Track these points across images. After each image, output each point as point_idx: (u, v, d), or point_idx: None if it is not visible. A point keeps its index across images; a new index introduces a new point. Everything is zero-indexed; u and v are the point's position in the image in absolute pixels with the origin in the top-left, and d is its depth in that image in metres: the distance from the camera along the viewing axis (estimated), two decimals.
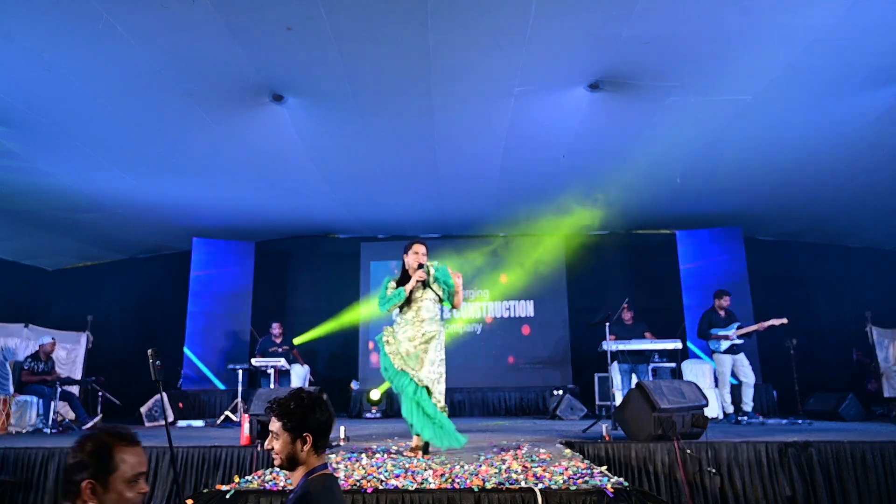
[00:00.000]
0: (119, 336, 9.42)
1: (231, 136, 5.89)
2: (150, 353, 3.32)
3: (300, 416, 1.84)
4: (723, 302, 7.07)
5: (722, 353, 6.93)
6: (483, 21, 4.23)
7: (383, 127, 5.90)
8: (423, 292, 4.33)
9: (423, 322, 4.29)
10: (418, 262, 4.30)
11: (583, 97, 5.23)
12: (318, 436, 1.85)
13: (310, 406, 1.85)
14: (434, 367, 4.22)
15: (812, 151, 6.33)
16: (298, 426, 1.83)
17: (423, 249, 4.37)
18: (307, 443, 1.82)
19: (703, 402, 4.89)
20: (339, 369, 9.57)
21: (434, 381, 4.19)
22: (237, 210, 8.34)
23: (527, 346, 9.37)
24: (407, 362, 4.18)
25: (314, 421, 1.84)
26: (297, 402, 1.86)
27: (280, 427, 1.84)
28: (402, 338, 4.28)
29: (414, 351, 4.22)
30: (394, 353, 4.23)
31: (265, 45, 4.44)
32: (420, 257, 4.32)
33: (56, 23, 4.04)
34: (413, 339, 4.25)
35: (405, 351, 4.22)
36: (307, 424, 1.83)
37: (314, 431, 1.84)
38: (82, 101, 5.10)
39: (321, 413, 1.86)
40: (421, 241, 4.44)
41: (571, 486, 2.75)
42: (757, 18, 4.17)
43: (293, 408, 1.84)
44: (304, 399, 1.87)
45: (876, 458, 4.29)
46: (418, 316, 4.30)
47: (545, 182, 7.39)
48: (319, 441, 1.86)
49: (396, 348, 4.25)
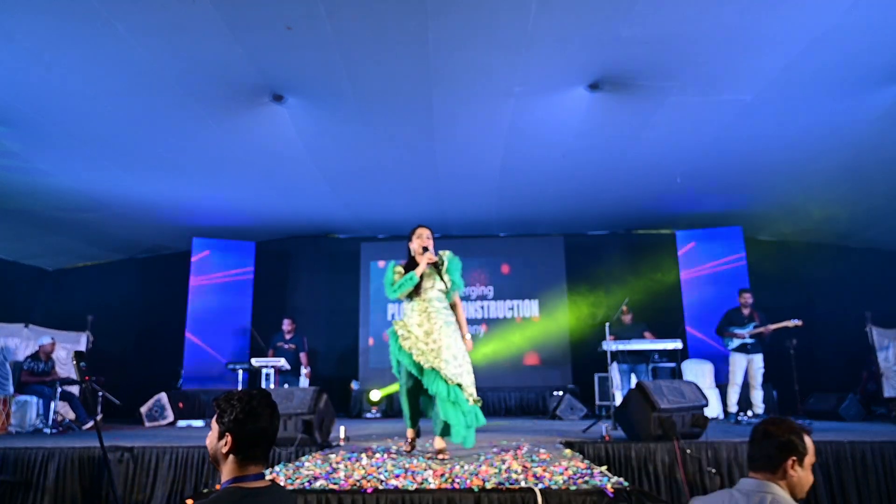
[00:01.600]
0: (119, 336, 9.41)
1: (231, 135, 5.89)
2: (73, 354, 3.27)
3: (222, 411, 1.70)
4: (744, 300, 7.03)
5: (733, 351, 6.92)
6: (483, 21, 4.23)
7: (383, 127, 5.90)
8: (433, 280, 4.04)
9: (437, 312, 3.99)
10: (423, 245, 4.05)
11: (583, 97, 5.23)
12: (241, 441, 1.67)
13: (237, 405, 1.70)
14: (459, 361, 3.89)
15: (812, 152, 6.33)
16: (221, 421, 1.70)
17: (427, 233, 4.13)
18: (227, 444, 1.67)
19: (703, 402, 4.89)
20: (339, 369, 9.57)
21: (463, 373, 3.88)
22: (237, 210, 8.34)
23: (527, 346, 9.37)
24: (428, 358, 3.84)
25: (234, 421, 1.67)
26: (228, 397, 1.73)
27: (215, 417, 1.73)
28: (419, 332, 3.94)
29: (434, 346, 3.88)
30: (414, 349, 3.90)
31: (265, 45, 4.44)
32: (425, 240, 4.07)
33: (56, 23, 4.04)
34: (430, 333, 3.92)
35: (424, 346, 3.88)
36: (226, 423, 1.69)
37: (234, 434, 1.67)
38: (82, 101, 5.10)
39: (249, 418, 1.68)
40: (424, 225, 4.20)
41: (571, 486, 2.75)
42: (757, 18, 4.17)
43: (222, 400, 1.73)
44: (238, 396, 1.72)
45: (876, 458, 4.29)
46: (431, 305, 4.00)
47: (545, 182, 7.39)
48: (243, 448, 1.68)
49: (415, 343, 3.92)
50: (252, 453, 1.69)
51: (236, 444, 1.67)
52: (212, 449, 1.72)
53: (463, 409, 3.83)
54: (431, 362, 3.84)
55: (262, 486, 1.69)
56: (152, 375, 8.82)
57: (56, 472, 4.56)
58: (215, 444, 1.70)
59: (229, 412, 1.69)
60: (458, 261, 4.15)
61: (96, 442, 4.83)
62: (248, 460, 1.68)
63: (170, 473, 4.52)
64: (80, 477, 4.56)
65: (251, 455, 1.69)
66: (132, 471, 4.54)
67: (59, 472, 4.56)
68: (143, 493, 4.48)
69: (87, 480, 4.57)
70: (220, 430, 1.69)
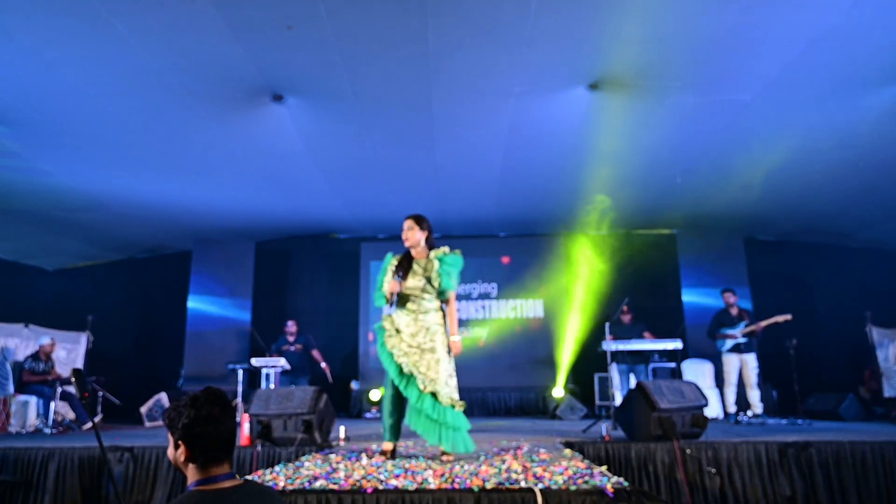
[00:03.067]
0: (119, 336, 9.42)
1: (231, 135, 5.89)
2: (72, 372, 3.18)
3: (171, 420, 1.63)
4: (727, 299, 7.04)
5: (727, 352, 6.91)
6: (483, 20, 4.23)
7: (383, 127, 5.90)
8: (422, 280, 3.81)
9: (425, 313, 3.81)
10: (406, 242, 3.86)
11: (583, 97, 5.23)
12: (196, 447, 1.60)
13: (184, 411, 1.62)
14: (442, 367, 3.72)
15: (812, 152, 6.33)
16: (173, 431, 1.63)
17: (408, 224, 3.86)
18: (182, 452, 1.61)
19: (703, 402, 4.89)
20: (339, 369, 9.57)
21: (444, 381, 3.70)
22: (237, 210, 8.34)
23: (527, 346, 9.37)
24: (410, 360, 3.70)
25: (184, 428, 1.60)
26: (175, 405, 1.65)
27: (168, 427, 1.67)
28: (406, 332, 3.78)
29: (417, 349, 3.73)
30: (398, 350, 3.75)
31: (265, 45, 4.44)
32: (405, 233, 3.86)
33: (56, 22, 4.04)
34: (416, 335, 3.77)
35: (407, 347, 3.74)
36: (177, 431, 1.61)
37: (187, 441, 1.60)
38: (82, 101, 5.10)
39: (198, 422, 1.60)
40: (409, 216, 3.91)
41: (571, 486, 2.75)
42: (757, 18, 4.18)
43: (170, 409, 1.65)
44: (184, 402, 1.64)
45: (876, 458, 4.28)
46: (420, 306, 3.81)
47: (546, 182, 7.39)
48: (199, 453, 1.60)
49: (398, 343, 3.77)
50: (210, 456, 1.62)
51: (191, 450, 1.61)
52: (172, 459, 1.66)
53: (430, 417, 3.64)
54: (410, 366, 3.70)
55: (230, 486, 1.63)
56: (152, 375, 8.82)
57: (56, 472, 4.55)
58: (173, 455, 1.64)
59: (178, 420, 1.62)
60: (452, 260, 3.85)
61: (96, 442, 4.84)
62: (208, 464, 1.62)
63: (170, 473, 4.51)
64: (80, 477, 4.56)
65: (210, 458, 1.62)
66: (132, 471, 4.53)
67: (59, 472, 4.56)
68: (143, 493, 4.48)
69: (87, 480, 4.56)
70: (174, 440, 1.63)
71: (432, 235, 3.97)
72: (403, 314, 3.85)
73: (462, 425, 3.71)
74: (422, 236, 3.88)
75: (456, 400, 3.74)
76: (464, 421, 3.73)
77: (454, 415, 3.69)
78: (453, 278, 3.83)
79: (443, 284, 3.81)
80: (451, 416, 3.66)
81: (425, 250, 3.91)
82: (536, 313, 9.52)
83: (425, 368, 3.70)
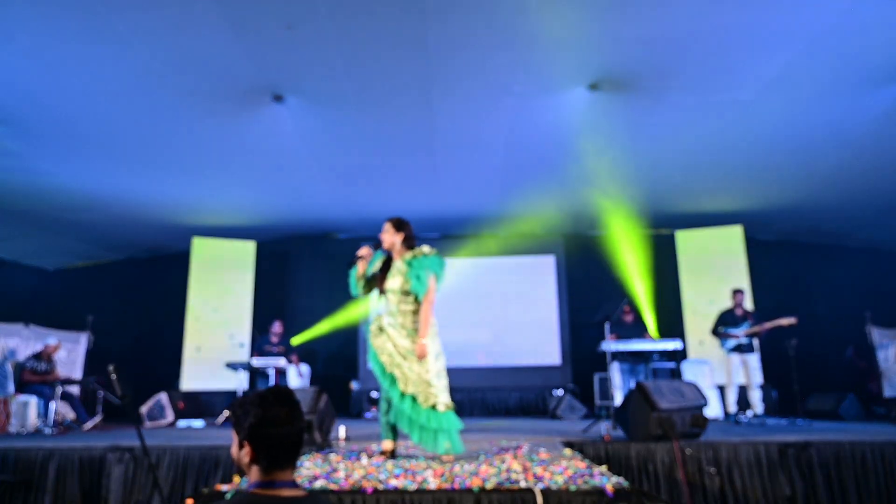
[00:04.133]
0: (119, 336, 9.41)
1: (231, 135, 5.89)
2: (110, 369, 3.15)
3: (237, 418, 1.58)
4: (736, 300, 7.04)
5: (729, 351, 6.91)
6: (483, 20, 4.23)
7: (383, 126, 5.90)
8: (398, 280, 3.82)
9: (404, 315, 3.79)
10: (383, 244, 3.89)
11: (583, 97, 5.23)
12: (261, 449, 1.54)
13: (251, 410, 1.56)
14: (425, 368, 3.68)
15: (812, 151, 6.34)
16: (238, 429, 1.57)
17: (385, 227, 3.92)
18: (247, 453, 1.55)
19: (703, 402, 4.89)
20: (339, 369, 9.57)
21: (426, 382, 3.66)
22: (237, 210, 8.34)
23: (527, 346, 9.37)
24: (396, 361, 3.71)
25: (251, 428, 1.54)
26: (242, 402, 1.59)
27: (232, 425, 1.62)
28: (390, 332, 3.80)
29: (399, 350, 3.74)
30: (381, 349, 3.78)
31: (265, 44, 4.44)
32: (381, 236, 3.91)
33: (57, 21, 4.04)
34: (398, 336, 3.77)
35: (392, 348, 3.75)
36: (243, 431, 1.56)
37: (253, 442, 1.54)
38: (82, 101, 5.10)
39: (265, 423, 1.54)
40: (389, 219, 3.95)
41: (571, 486, 2.75)
42: (757, 18, 4.18)
43: (236, 406, 1.60)
44: (251, 400, 1.58)
45: (876, 458, 4.28)
46: (398, 307, 3.81)
47: (545, 182, 7.39)
48: (264, 456, 1.54)
49: (383, 343, 3.79)
50: (275, 460, 1.55)
51: (256, 452, 1.54)
52: (235, 459, 1.59)
53: (411, 418, 3.63)
54: (392, 367, 3.73)
55: (289, 495, 1.53)
56: (152, 375, 8.82)
57: (56, 472, 4.55)
58: (237, 454, 1.58)
59: (244, 419, 1.56)
60: (424, 262, 3.77)
61: (96, 442, 4.84)
62: (272, 467, 1.55)
63: (170, 473, 4.51)
64: (80, 477, 4.55)
65: (275, 462, 1.55)
66: (132, 471, 4.53)
67: (59, 472, 4.56)
68: (143, 493, 4.47)
69: (87, 480, 4.56)
70: (239, 440, 1.57)
71: (412, 238, 3.94)
72: (388, 315, 3.89)
73: (446, 426, 3.63)
74: (397, 238, 3.89)
75: (442, 401, 3.67)
76: (450, 421, 3.66)
77: (436, 416, 3.63)
78: (423, 281, 3.74)
79: (412, 287, 3.75)
80: (432, 418, 3.62)
81: (402, 251, 3.90)
82: (534, 313, 9.51)
83: (407, 370, 3.70)
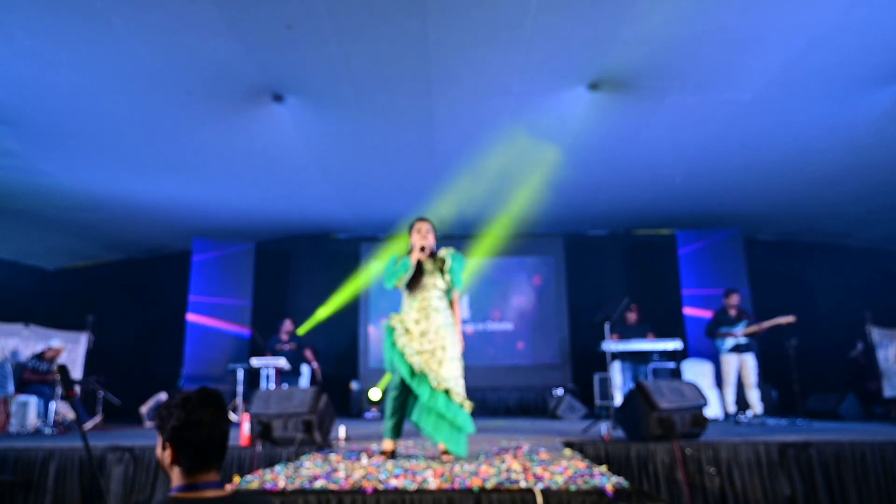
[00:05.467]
0: (119, 336, 9.42)
1: (231, 135, 5.89)
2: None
3: (161, 419, 1.53)
4: (731, 301, 7.04)
5: (727, 352, 6.91)
6: (483, 20, 4.23)
7: (383, 126, 5.90)
8: (434, 278, 3.85)
9: (436, 311, 3.79)
10: (421, 239, 3.86)
11: (583, 97, 5.23)
12: (182, 450, 1.49)
13: (174, 412, 1.51)
14: (454, 364, 3.72)
15: (812, 151, 6.34)
16: (161, 430, 1.53)
17: (426, 226, 3.91)
18: (169, 454, 1.51)
19: (703, 402, 4.88)
20: (339, 369, 9.57)
21: (455, 378, 3.69)
22: (237, 210, 8.34)
23: (527, 346, 9.38)
24: (421, 359, 3.67)
25: (172, 430, 1.50)
26: (168, 403, 1.55)
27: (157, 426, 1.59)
28: (415, 330, 3.75)
29: (429, 346, 3.70)
30: (408, 347, 3.71)
31: (265, 44, 4.44)
32: (424, 234, 3.87)
33: (56, 21, 4.04)
34: (426, 333, 3.73)
35: (419, 346, 3.71)
36: (165, 432, 1.51)
37: (173, 443, 1.50)
38: (82, 100, 5.10)
39: (186, 425, 1.49)
40: (424, 218, 3.98)
41: (571, 486, 2.74)
42: (757, 18, 4.18)
43: (162, 407, 1.55)
44: (175, 402, 1.53)
45: (876, 458, 4.28)
46: (430, 304, 3.80)
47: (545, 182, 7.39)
48: (185, 457, 1.50)
49: (409, 342, 3.73)
50: (197, 462, 1.51)
51: (178, 454, 1.50)
52: (159, 459, 1.56)
53: (441, 414, 3.62)
54: (422, 365, 3.67)
55: (213, 496, 1.50)
56: (152, 375, 8.82)
57: (56, 472, 4.55)
58: (161, 455, 1.54)
59: (167, 420, 1.52)
60: (461, 259, 3.92)
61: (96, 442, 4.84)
62: (195, 469, 1.51)
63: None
64: (80, 477, 4.56)
65: (197, 464, 1.51)
66: (132, 471, 4.53)
67: (59, 472, 4.56)
68: (143, 493, 4.47)
69: (87, 480, 4.56)
70: (162, 441, 1.53)
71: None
72: (413, 312, 3.83)
73: (466, 427, 3.69)
74: (432, 239, 3.95)
75: (465, 399, 3.72)
76: (469, 423, 3.71)
77: (464, 415, 3.67)
78: (462, 277, 3.90)
79: (454, 281, 3.87)
80: (461, 415, 3.65)
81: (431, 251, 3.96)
82: (534, 313, 9.51)
83: (437, 366, 3.67)
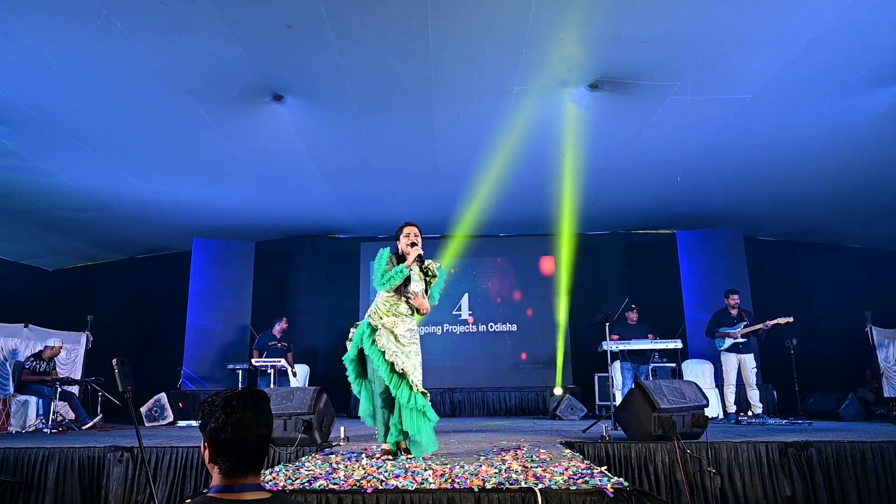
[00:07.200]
0: (119, 336, 9.42)
1: (231, 135, 5.89)
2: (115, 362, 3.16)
3: (203, 417, 1.52)
4: (731, 300, 7.04)
5: (725, 351, 6.90)
6: (483, 20, 4.23)
7: (383, 126, 5.90)
8: (419, 283, 3.95)
9: (410, 317, 3.95)
10: (411, 242, 3.93)
11: (583, 97, 5.23)
12: (220, 451, 1.47)
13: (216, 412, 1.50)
14: (420, 369, 3.91)
15: (812, 151, 6.34)
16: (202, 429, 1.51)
17: (415, 231, 3.99)
18: (207, 454, 1.50)
19: (703, 402, 4.89)
20: (339, 369, 9.50)
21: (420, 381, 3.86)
22: (237, 210, 8.34)
23: (527, 346, 9.37)
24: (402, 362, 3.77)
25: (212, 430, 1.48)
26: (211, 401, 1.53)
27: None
28: (398, 333, 3.86)
29: (405, 348, 3.84)
30: (387, 348, 3.80)
31: (265, 44, 4.44)
32: (412, 239, 3.94)
33: (56, 21, 4.04)
34: (405, 336, 3.88)
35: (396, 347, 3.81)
36: (206, 431, 1.50)
37: (212, 443, 1.48)
38: (82, 100, 5.10)
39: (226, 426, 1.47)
40: (412, 223, 4.04)
41: (571, 486, 2.75)
42: (757, 18, 4.18)
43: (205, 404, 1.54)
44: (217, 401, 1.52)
45: (876, 458, 4.28)
46: (409, 310, 3.95)
47: (545, 181, 7.39)
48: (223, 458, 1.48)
49: (387, 343, 3.82)
50: (235, 463, 1.48)
51: (215, 454, 1.48)
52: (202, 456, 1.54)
53: (429, 417, 3.77)
54: (402, 366, 3.77)
55: (250, 499, 1.48)
56: (152, 375, 8.82)
57: (56, 472, 4.56)
58: (203, 452, 1.53)
59: (208, 419, 1.50)
60: (444, 275, 4.08)
61: (96, 442, 4.84)
62: (233, 470, 1.48)
63: (170, 473, 4.51)
64: (80, 477, 4.56)
65: (235, 465, 1.48)
66: (132, 471, 4.53)
67: (59, 472, 4.56)
68: (143, 493, 4.47)
69: (87, 480, 4.57)
70: (203, 439, 1.51)
71: None
72: (391, 315, 3.92)
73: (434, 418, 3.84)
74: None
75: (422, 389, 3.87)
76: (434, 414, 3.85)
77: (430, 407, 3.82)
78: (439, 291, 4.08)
79: (432, 294, 4.05)
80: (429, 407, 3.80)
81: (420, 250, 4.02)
82: (534, 313, 9.51)
83: (412, 368, 3.83)
